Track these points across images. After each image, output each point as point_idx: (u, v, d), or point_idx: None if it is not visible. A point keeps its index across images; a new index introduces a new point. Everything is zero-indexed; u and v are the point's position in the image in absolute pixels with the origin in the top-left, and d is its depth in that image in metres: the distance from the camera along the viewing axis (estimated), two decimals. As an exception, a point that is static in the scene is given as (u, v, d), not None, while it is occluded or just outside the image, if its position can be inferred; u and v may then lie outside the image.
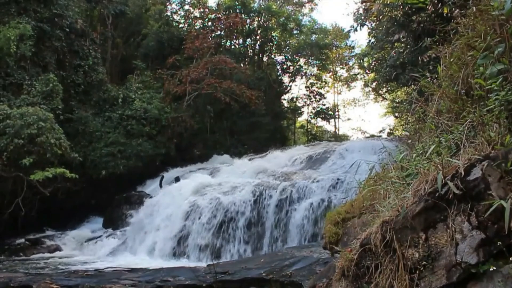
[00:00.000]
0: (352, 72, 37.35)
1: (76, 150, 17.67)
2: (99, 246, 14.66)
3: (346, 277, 3.53)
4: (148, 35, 26.42)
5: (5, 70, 16.65)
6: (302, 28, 32.68)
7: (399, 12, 13.71)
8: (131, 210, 16.65)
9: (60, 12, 18.76)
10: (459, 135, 3.58)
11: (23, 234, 15.26)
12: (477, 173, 2.92)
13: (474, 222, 2.87)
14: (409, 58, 13.93)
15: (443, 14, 6.82)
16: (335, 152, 16.95)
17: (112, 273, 8.44)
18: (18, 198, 14.57)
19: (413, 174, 3.71)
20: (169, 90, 22.40)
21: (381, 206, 3.68)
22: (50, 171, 14.61)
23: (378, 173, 4.73)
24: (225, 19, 26.95)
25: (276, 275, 6.77)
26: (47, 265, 12.02)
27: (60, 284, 7.33)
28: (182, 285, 7.20)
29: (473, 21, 4.30)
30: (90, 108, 20.43)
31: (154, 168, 20.44)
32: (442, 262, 2.96)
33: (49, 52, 18.54)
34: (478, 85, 3.76)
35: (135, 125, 20.52)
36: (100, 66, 21.28)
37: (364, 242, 3.45)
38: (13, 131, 14.45)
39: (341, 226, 4.73)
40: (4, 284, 7.57)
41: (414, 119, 5.34)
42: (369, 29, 19.35)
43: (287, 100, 34.33)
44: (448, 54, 4.59)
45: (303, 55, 32.81)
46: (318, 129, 38.58)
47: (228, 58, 24.19)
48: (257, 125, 26.20)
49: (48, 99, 16.83)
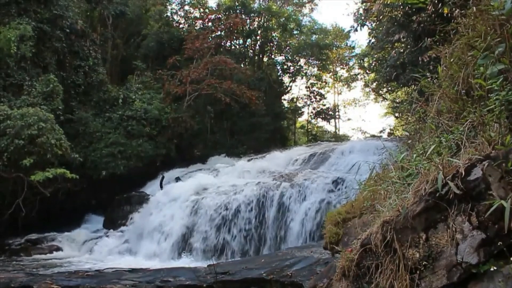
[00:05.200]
0: (353, 72, 37.38)
1: (77, 151, 17.69)
2: (99, 246, 14.65)
3: (347, 277, 3.53)
4: (148, 36, 26.44)
5: (6, 71, 16.67)
6: (302, 28, 32.70)
7: (399, 12, 13.70)
8: (131, 210, 16.67)
9: (60, 13, 18.78)
10: (460, 135, 3.58)
11: (23, 234, 15.27)
12: (477, 173, 2.92)
13: (475, 222, 2.86)
14: (410, 58, 13.92)
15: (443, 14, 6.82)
16: (335, 152, 16.95)
17: (113, 273, 8.45)
18: (19, 198, 14.59)
19: (414, 174, 3.70)
20: (169, 91, 22.42)
21: (381, 206, 3.68)
22: (51, 172, 14.62)
23: (379, 173, 4.73)
24: (225, 20, 26.96)
25: (277, 275, 6.77)
26: (48, 266, 12.01)
27: (61, 284, 7.33)
28: (182, 285, 7.21)
29: (473, 21, 4.29)
30: (90, 108, 20.45)
31: (154, 168, 20.44)
32: (442, 262, 2.96)
33: (49, 53, 18.56)
34: (478, 85, 3.76)
35: (135, 126, 20.54)
36: (100, 67, 21.31)
37: (364, 242, 3.45)
38: (13, 131, 14.47)
39: (342, 226, 4.73)
40: (4, 285, 7.57)
41: (415, 119, 5.34)
42: (369, 29, 19.35)
43: (287, 101, 34.38)
44: (449, 54, 4.59)
45: (303, 56, 32.81)
46: (319, 129, 38.59)
47: (228, 59, 24.21)
48: (257, 125, 26.20)
49: (48, 99, 16.85)
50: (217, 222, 12.81)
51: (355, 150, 16.01)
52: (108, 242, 14.88)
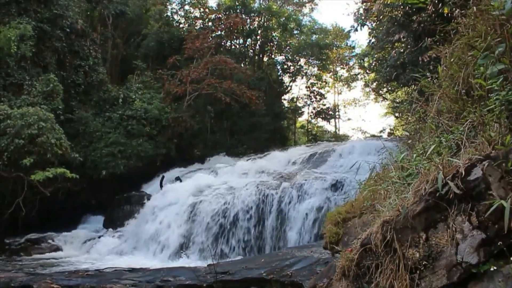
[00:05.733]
0: (353, 72, 37.38)
1: (77, 150, 17.69)
2: (99, 246, 14.65)
3: (347, 277, 3.53)
4: (148, 35, 26.43)
5: (6, 70, 16.67)
6: (303, 28, 32.69)
7: (399, 12, 13.70)
8: (131, 210, 16.66)
9: (61, 13, 18.78)
10: (460, 135, 3.58)
11: (23, 234, 15.27)
12: (477, 173, 2.92)
13: (475, 222, 2.87)
14: (410, 58, 13.92)
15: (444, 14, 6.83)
16: (335, 152, 16.94)
17: (113, 273, 8.44)
18: (19, 198, 14.58)
19: (414, 174, 3.71)
20: (170, 90, 22.42)
21: (381, 206, 3.68)
22: (51, 171, 14.61)
23: (379, 173, 4.73)
24: (226, 19, 26.94)
25: (277, 275, 6.76)
26: (48, 265, 12.00)
27: (61, 284, 7.32)
28: (182, 285, 7.20)
29: (474, 21, 4.30)
30: (90, 108, 20.45)
31: (155, 168, 20.44)
32: (442, 262, 2.96)
33: (49, 53, 18.56)
34: (478, 85, 3.76)
35: (136, 125, 20.54)
36: (100, 66, 21.31)
37: (364, 242, 3.45)
38: (13, 131, 14.46)
39: (342, 226, 4.73)
40: (4, 284, 7.57)
41: (415, 119, 5.34)
42: (370, 29, 19.37)
43: (287, 100, 34.36)
44: (449, 54, 4.59)
45: (304, 55, 32.79)
46: (319, 129, 38.57)
47: (228, 58, 24.20)
48: (257, 125, 26.19)
49: (48, 99, 16.85)
50: (218, 222, 12.73)
51: (355, 150, 16.01)
52: (108, 241, 14.87)
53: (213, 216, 12.95)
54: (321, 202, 12.22)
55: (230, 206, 13.03)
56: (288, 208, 12.56)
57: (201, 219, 13.08)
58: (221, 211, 12.99)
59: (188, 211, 13.52)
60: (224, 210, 12.99)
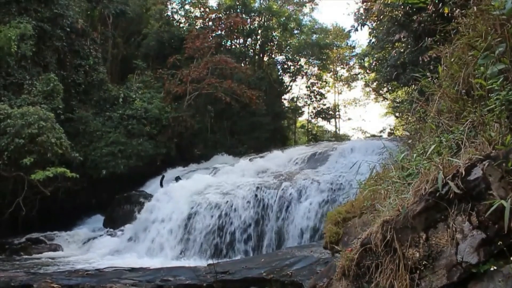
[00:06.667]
0: (353, 72, 37.38)
1: (77, 150, 17.70)
2: (99, 245, 14.64)
3: (347, 276, 3.53)
4: (149, 35, 26.43)
5: (6, 70, 16.66)
6: (303, 28, 32.69)
7: (399, 12, 13.69)
8: (131, 209, 16.65)
9: (61, 12, 18.78)
10: (460, 135, 3.58)
11: (23, 233, 15.26)
12: (477, 173, 2.92)
13: (475, 222, 2.86)
14: (410, 58, 13.91)
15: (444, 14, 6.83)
16: (336, 152, 16.93)
17: (113, 272, 8.43)
18: (19, 197, 14.60)
19: (414, 174, 3.70)
20: (170, 90, 22.42)
21: (381, 206, 3.68)
22: (51, 171, 14.61)
23: (379, 173, 4.73)
24: (226, 19, 26.93)
25: (277, 275, 6.77)
26: (48, 265, 12.00)
27: (61, 283, 7.32)
28: (182, 284, 7.20)
29: (474, 21, 4.29)
30: (90, 107, 20.45)
31: (155, 167, 20.44)
32: (442, 261, 2.96)
33: (49, 52, 18.56)
34: (478, 85, 3.76)
35: (136, 125, 20.54)
36: (100, 66, 21.30)
37: (364, 241, 3.45)
38: (13, 130, 14.47)
39: (342, 225, 4.72)
40: (5, 284, 7.57)
41: (415, 119, 5.34)
42: (370, 29, 19.35)
43: (287, 100, 34.34)
44: (449, 54, 4.58)
45: (304, 55, 32.80)
46: (319, 129, 38.57)
47: (228, 58, 24.19)
48: (257, 125, 26.19)
49: (48, 98, 16.85)
50: (218, 221, 12.73)
51: (356, 150, 16.00)
52: (108, 241, 14.87)
53: (217, 205, 13.00)
54: (321, 201, 12.23)
55: (232, 197, 13.09)
56: (288, 208, 12.56)
57: (203, 208, 13.11)
58: (225, 201, 13.03)
59: (191, 203, 13.52)
60: (224, 210, 13.00)
